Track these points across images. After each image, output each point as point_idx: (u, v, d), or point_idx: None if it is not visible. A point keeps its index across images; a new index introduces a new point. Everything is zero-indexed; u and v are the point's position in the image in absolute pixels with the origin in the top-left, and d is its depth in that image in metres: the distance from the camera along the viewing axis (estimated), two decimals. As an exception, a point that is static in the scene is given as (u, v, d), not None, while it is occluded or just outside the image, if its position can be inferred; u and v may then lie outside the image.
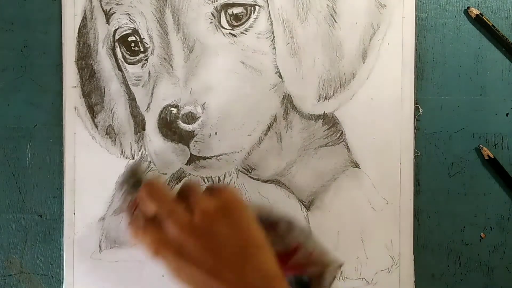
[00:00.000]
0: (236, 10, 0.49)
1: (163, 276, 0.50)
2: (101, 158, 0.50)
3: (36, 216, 0.51)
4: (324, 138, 0.49)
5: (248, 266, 0.38)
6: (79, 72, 0.50)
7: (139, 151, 0.50)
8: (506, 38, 0.49)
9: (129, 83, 0.50)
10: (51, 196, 0.51)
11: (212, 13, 0.49)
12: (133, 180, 0.43)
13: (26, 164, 0.51)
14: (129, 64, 0.50)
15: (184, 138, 0.49)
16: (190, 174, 0.49)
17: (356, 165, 0.49)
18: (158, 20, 0.49)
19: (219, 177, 0.49)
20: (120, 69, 0.50)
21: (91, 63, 0.50)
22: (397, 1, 0.49)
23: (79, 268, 0.50)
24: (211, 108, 0.49)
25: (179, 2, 0.49)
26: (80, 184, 0.50)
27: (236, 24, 0.49)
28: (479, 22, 0.49)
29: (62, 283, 0.50)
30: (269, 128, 0.49)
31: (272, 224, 0.42)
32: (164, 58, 0.49)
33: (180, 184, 0.49)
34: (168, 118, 0.49)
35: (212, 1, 0.49)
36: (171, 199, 0.41)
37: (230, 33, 0.49)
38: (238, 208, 0.40)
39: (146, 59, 0.49)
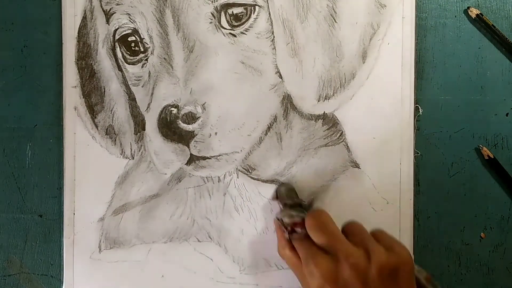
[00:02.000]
0: (236, 10, 0.49)
1: (162, 276, 0.50)
2: (101, 158, 0.50)
3: (36, 216, 0.51)
4: (324, 138, 0.49)
5: None
6: (79, 72, 0.50)
7: (139, 151, 0.50)
8: (506, 38, 0.49)
9: (129, 83, 0.50)
10: (51, 196, 0.51)
11: (212, 13, 0.49)
12: (297, 203, 0.46)
13: (26, 164, 0.51)
14: (129, 64, 0.50)
15: (184, 138, 0.49)
16: (190, 174, 0.49)
17: (356, 165, 0.49)
18: (158, 20, 0.49)
19: (219, 177, 0.49)
20: (120, 69, 0.50)
21: (91, 63, 0.50)
22: (397, 1, 0.49)
23: (79, 268, 0.50)
24: (211, 108, 0.49)
25: (179, 2, 0.49)
26: (80, 184, 0.50)
27: (236, 24, 0.49)
28: (479, 22, 0.49)
29: (62, 283, 0.50)
30: (269, 128, 0.49)
31: None
32: (164, 58, 0.49)
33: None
34: (168, 118, 0.49)
35: (212, 1, 0.49)
36: (344, 238, 0.41)
37: (230, 33, 0.49)
38: (410, 274, 0.41)
39: (146, 59, 0.49)
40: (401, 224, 0.49)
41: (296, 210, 0.46)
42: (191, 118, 0.48)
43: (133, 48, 0.50)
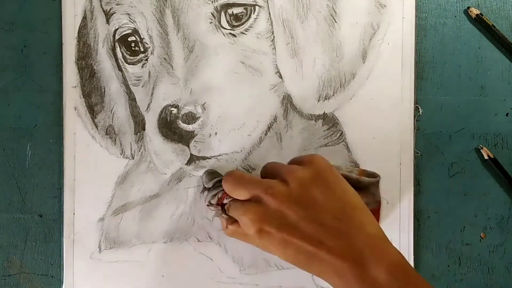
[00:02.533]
0: (236, 10, 0.49)
1: (162, 276, 0.50)
2: (101, 158, 0.50)
3: (36, 216, 0.51)
4: (324, 138, 0.49)
5: (352, 229, 0.38)
6: (79, 72, 0.50)
7: (139, 151, 0.50)
8: (506, 38, 0.49)
9: (129, 83, 0.50)
10: (51, 196, 0.51)
11: (212, 13, 0.49)
12: (215, 180, 0.46)
13: (26, 164, 0.51)
14: (129, 64, 0.50)
15: (184, 138, 0.49)
16: (190, 174, 0.49)
17: (356, 165, 0.49)
18: (158, 20, 0.49)
19: (219, 177, 0.49)
20: (120, 69, 0.50)
21: (91, 63, 0.50)
22: (397, 1, 0.49)
23: (79, 268, 0.50)
24: (211, 108, 0.49)
25: (179, 2, 0.49)
26: (80, 184, 0.50)
27: (236, 24, 0.49)
28: (479, 22, 0.49)
29: (62, 283, 0.50)
30: (269, 128, 0.49)
31: (361, 188, 0.43)
32: (164, 58, 0.49)
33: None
34: (168, 118, 0.49)
35: (212, 1, 0.49)
36: (260, 179, 0.42)
37: (230, 33, 0.49)
38: (332, 174, 0.41)
39: (146, 59, 0.49)
40: (401, 224, 0.49)
41: (215, 186, 0.45)
42: (191, 118, 0.48)
43: (133, 48, 0.50)
